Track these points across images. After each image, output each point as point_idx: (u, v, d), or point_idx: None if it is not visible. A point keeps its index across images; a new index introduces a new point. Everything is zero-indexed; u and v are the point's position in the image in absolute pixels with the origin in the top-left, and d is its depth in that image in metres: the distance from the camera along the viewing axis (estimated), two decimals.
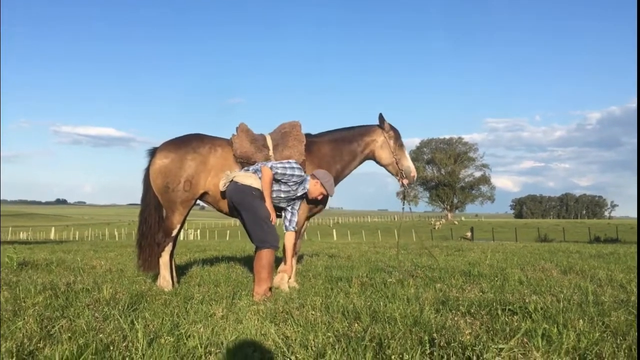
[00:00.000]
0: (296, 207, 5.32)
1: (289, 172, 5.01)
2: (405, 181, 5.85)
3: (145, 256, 5.63)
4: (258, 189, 4.98)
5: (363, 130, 5.93)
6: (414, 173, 5.86)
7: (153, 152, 5.55)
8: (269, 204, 4.99)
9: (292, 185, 5.11)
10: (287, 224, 5.30)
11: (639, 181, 5.02)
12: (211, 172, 5.36)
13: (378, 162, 5.99)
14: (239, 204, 4.99)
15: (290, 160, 5.15)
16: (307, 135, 5.75)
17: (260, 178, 5.00)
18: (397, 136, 5.90)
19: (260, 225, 4.93)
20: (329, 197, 5.48)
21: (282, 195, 5.15)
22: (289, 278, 5.55)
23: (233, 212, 5.26)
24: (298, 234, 5.62)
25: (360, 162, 5.97)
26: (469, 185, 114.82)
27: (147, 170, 5.54)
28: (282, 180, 5.05)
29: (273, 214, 4.98)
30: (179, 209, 5.39)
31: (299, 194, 5.20)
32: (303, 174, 5.10)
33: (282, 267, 5.57)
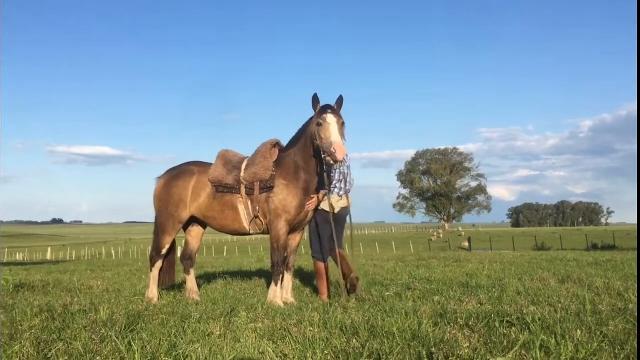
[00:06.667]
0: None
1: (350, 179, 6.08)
2: (329, 159, 4.97)
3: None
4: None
5: (305, 125, 5.51)
6: (333, 146, 4.84)
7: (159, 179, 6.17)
8: None
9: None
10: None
11: (639, 187, 5.02)
12: (192, 197, 5.77)
13: None
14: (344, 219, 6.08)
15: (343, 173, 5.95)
16: (282, 149, 5.69)
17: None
18: (317, 115, 5.19)
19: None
20: (309, 212, 5.62)
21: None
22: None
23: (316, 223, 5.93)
24: (293, 252, 5.73)
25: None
26: (466, 196, 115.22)
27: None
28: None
29: None
30: (168, 230, 5.92)
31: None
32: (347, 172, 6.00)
33: None
